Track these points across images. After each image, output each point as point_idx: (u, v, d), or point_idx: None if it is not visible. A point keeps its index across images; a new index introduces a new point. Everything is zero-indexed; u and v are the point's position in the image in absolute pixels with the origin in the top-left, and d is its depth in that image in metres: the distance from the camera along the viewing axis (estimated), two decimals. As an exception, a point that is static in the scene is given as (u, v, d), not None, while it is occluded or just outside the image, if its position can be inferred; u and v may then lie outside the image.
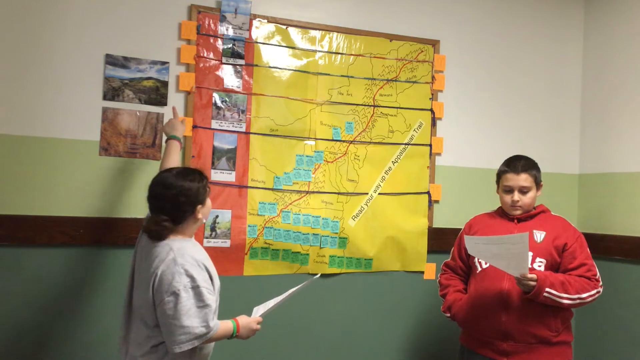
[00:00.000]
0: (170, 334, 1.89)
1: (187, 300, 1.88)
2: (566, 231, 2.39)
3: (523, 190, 2.40)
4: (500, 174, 2.47)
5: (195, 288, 1.90)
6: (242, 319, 2.07)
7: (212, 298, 1.94)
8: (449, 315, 2.49)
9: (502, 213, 2.50)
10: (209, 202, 2.09)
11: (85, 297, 2.56)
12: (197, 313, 1.89)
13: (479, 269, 2.43)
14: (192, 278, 1.90)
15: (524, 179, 2.39)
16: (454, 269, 2.59)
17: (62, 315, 2.52)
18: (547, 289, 2.21)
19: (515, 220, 2.44)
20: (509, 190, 2.42)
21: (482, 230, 2.49)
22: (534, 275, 2.21)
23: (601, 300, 2.40)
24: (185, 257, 1.93)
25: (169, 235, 2.01)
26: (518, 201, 2.40)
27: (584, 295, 2.27)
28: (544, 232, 2.37)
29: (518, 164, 2.42)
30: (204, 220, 2.11)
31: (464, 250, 2.51)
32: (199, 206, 2.04)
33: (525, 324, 2.29)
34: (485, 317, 2.35)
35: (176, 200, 2.00)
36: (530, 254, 2.31)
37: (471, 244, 2.26)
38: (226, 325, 2.00)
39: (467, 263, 2.53)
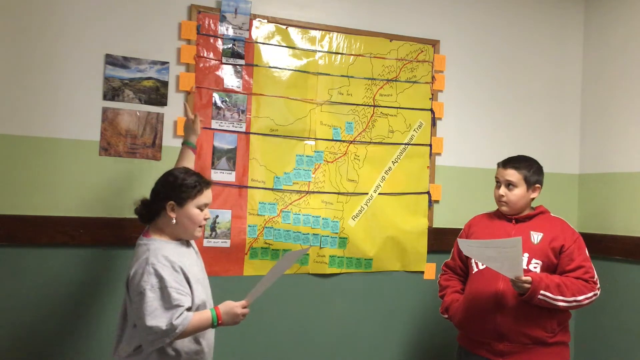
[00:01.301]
0: (140, 332, 1.89)
1: (153, 300, 1.85)
2: (564, 233, 2.38)
3: (509, 186, 2.41)
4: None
5: (163, 289, 1.87)
6: (223, 306, 1.99)
7: (183, 299, 1.90)
8: (446, 316, 2.50)
9: (500, 213, 2.50)
10: (193, 211, 2.01)
11: (85, 297, 2.56)
12: (164, 313, 1.85)
13: (475, 269, 2.43)
14: (160, 278, 1.88)
15: (509, 174, 2.40)
16: (454, 268, 2.59)
17: (61, 315, 2.52)
18: (542, 292, 2.20)
19: (514, 221, 2.44)
20: (497, 183, 2.45)
21: (481, 230, 2.49)
22: (528, 278, 2.20)
23: (601, 300, 2.40)
24: (159, 257, 1.92)
25: (146, 219, 2.06)
26: (503, 196, 2.41)
27: (580, 298, 2.27)
28: (542, 234, 2.37)
29: (510, 159, 2.45)
30: (194, 233, 2.04)
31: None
32: (172, 203, 1.99)
33: (520, 325, 2.28)
34: (480, 317, 2.35)
35: (156, 186, 2.06)
36: (526, 255, 2.32)
37: (465, 246, 2.26)
38: (202, 316, 1.93)
39: (465, 263, 2.54)
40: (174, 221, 2.00)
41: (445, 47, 3.16)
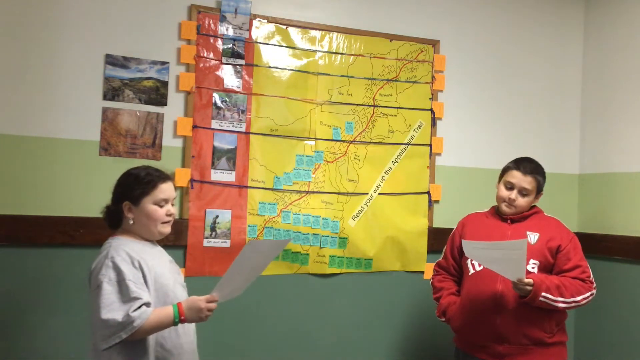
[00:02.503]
0: (96, 329, 1.79)
1: (110, 293, 1.77)
2: (560, 233, 2.39)
3: (523, 192, 2.39)
4: (507, 169, 2.44)
5: (121, 282, 1.79)
6: (186, 301, 1.86)
7: (142, 292, 1.80)
8: (444, 319, 2.47)
9: (495, 213, 2.49)
10: (149, 208, 1.91)
11: (85, 297, 2.55)
12: (121, 307, 1.76)
13: (472, 270, 2.41)
14: (119, 272, 1.80)
15: (528, 182, 2.37)
16: (447, 268, 2.56)
17: (61, 315, 2.52)
18: (543, 294, 2.20)
19: (509, 221, 2.43)
20: (510, 187, 2.40)
21: (476, 229, 2.46)
22: (530, 280, 2.19)
23: (601, 300, 2.41)
24: (119, 251, 1.85)
25: (113, 225, 1.97)
26: (515, 200, 2.38)
27: (578, 299, 2.27)
28: (538, 234, 2.37)
29: (528, 165, 2.40)
30: (157, 230, 1.93)
31: (456, 250, 2.50)
32: (127, 203, 1.92)
33: (520, 326, 2.28)
34: (479, 320, 2.33)
35: (114, 187, 1.98)
36: None
37: (469, 248, 2.22)
38: (162, 311, 1.81)
39: (459, 262, 2.52)
40: (132, 222, 1.93)
41: (445, 47, 3.16)
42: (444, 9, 3.18)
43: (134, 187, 1.92)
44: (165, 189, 1.95)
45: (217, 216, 2.73)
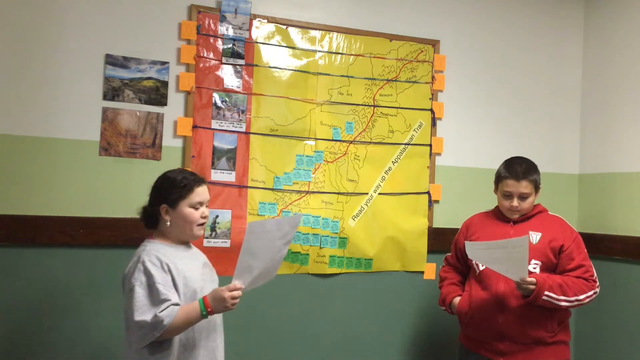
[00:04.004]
0: (129, 330, 1.88)
1: (142, 296, 1.85)
2: (563, 232, 2.38)
3: (523, 196, 2.37)
4: (499, 178, 2.42)
5: (152, 285, 1.86)
6: (211, 292, 1.91)
7: (169, 295, 1.86)
8: (444, 308, 2.50)
9: (498, 213, 2.49)
10: (186, 210, 1.98)
11: (85, 297, 2.56)
12: (151, 309, 1.84)
13: (477, 270, 2.43)
14: (149, 275, 1.87)
15: (524, 186, 2.35)
16: (453, 265, 2.61)
17: (61, 315, 2.52)
18: (546, 293, 2.21)
19: (511, 222, 2.43)
20: (509, 196, 2.38)
21: (479, 231, 2.48)
22: (533, 279, 2.20)
23: (601, 300, 2.41)
24: (151, 255, 1.92)
25: (150, 225, 2.03)
26: (517, 206, 2.37)
27: (581, 297, 2.28)
28: (540, 234, 2.36)
29: (519, 169, 2.36)
30: (192, 232, 2.00)
31: (460, 252, 2.52)
32: (164, 206, 1.98)
33: (522, 325, 2.29)
34: (482, 318, 2.35)
35: (151, 191, 2.04)
36: None
37: (471, 249, 2.24)
38: (189, 307, 1.88)
39: (465, 263, 2.53)
40: (168, 223, 1.99)
41: (445, 47, 3.16)
42: (444, 9, 3.18)
43: (171, 191, 1.99)
44: (201, 192, 2.02)
45: (217, 216, 2.73)
